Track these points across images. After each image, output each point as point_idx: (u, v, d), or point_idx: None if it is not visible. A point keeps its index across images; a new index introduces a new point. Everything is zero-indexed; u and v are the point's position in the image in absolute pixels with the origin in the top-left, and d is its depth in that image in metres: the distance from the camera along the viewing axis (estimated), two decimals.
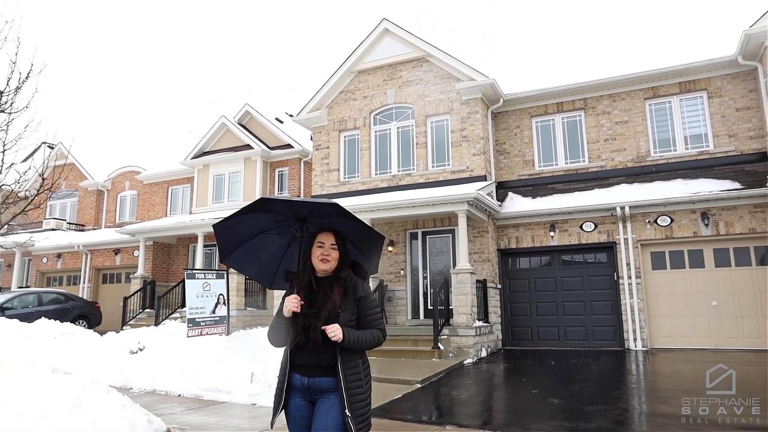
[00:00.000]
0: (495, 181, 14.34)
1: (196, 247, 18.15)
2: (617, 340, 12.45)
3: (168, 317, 15.53)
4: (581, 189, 13.62)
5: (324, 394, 2.74)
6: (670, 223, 12.34)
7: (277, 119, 21.06)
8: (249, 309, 15.84)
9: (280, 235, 3.03)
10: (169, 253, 20.08)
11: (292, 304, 2.69)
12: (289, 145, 19.16)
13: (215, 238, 2.97)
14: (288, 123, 21.06)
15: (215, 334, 11.38)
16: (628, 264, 12.52)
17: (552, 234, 13.33)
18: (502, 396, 8.62)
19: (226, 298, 11.98)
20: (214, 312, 11.52)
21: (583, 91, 14.23)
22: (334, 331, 2.63)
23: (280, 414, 2.80)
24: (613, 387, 8.35)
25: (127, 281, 19.58)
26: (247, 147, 19.37)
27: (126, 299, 17.06)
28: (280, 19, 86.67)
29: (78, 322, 16.13)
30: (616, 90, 13.97)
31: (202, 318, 11.28)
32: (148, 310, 17.07)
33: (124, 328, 15.82)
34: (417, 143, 14.65)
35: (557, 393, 7.88)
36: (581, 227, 13.14)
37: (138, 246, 18.63)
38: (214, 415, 7.17)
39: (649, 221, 12.53)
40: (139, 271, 17.89)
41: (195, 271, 11.79)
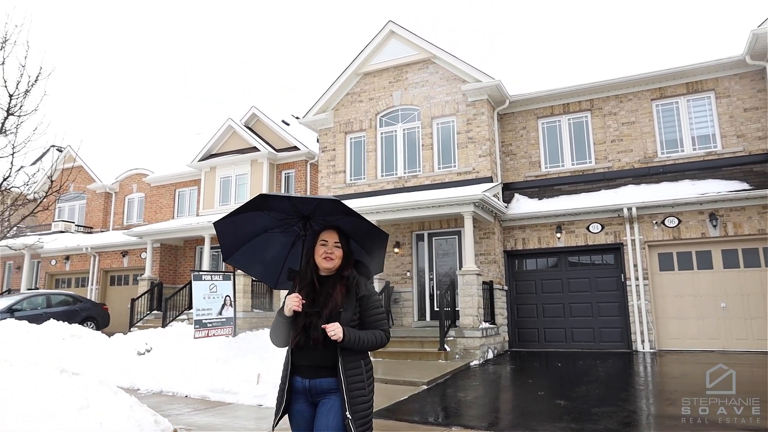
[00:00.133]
0: (501, 183, 14.32)
1: (203, 249, 18.22)
2: (624, 342, 12.38)
3: (175, 319, 15.59)
4: (588, 190, 13.57)
5: (325, 395, 2.69)
6: (677, 224, 12.27)
7: (283, 121, 21.13)
8: (255, 311, 15.88)
9: (284, 233, 2.99)
10: (176, 255, 20.18)
11: (293, 302, 2.66)
12: (295, 147, 19.21)
13: (217, 237, 2.94)
14: (294, 125, 21.13)
15: (222, 335, 11.42)
16: (636, 265, 12.46)
17: (558, 235, 13.29)
18: (508, 398, 8.59)
19: (232, 299, 12.02)
20: (220, 313, 11.56)
21: (590, 92, 14.19)
22: (334, 329, 2.58)
23: (282, 417, 2.76)
24: (620, 389, 8.31)
25: (135, 283, 19.69)
26: (254, 149, 19.44)
27: (133, 301, 17.15)
28: (280, 19, 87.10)
29: (86, 323, 16.23)
30: (622, 91, 13.91)
31: (209, 319, 11.33)
32: (155, 311, 17.16)
33: (132, 329, 15.90)
34: (423, 145, 14.65)
35: (564, 395, 7.84)
36: (588, 228, 13.09)
37: (145, 248, 18.73)
38: (221, 415, 7.19)
39: (656, 222, 12.47)
40: (147, 273, 17.98)
41: (202, 273, 11.84)
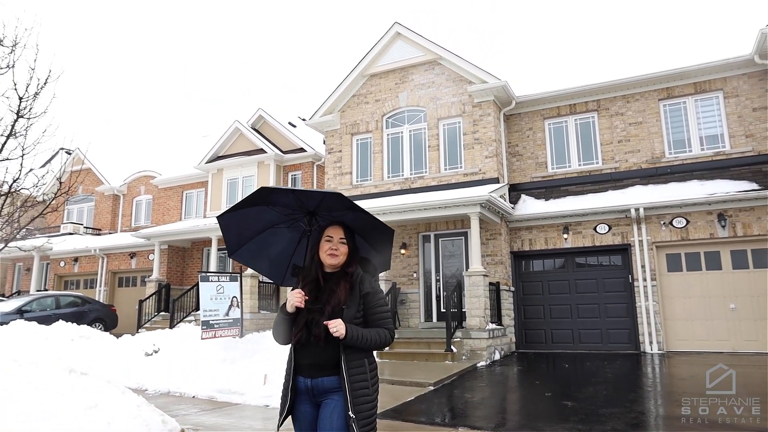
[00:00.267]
0: (508, 184, 14.29)
1: (210, 250, 18.31)
2: (632, 343, 12.32)
3: (182, 320, 15.67)
4: (595, 191, 13.52)
5: (328, 395, 2.63)
6: (685, 225, 12.20)
7: (290, 123, 21.19)
8: (262, 312, 15.93)
9: (290, 229, 2.94)
10: (184, 256, 20.28)
11: (295, 299, 2.61)
12: (301, 149, 19.27)
13: (221, 232, 2.89)
14: (301, 127, 21.20)
15: (229, 336, 11.47)
16: (643, 266, 12.39)
17: (565, 236, 13.24)
18: (515, 399, 8.57)
19: (239, 300, 12.07)
20: (227, 314, 11.61)
21: (596, 92, 14.14)
22: (336, 326, 2.53)
23: (287, 418, 2.71)
24: (628, 390, 8.26)
25: (143, 284, 19.81)
26: (261, 151, 19.51)
27: (141, 302, 17.25)
28: (280, 19, 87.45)
29: (94, 324, 16.34)
30: (629, 91, 13.86)
31: (216, 320, 11.37)
32: (163, 313, 17.25)
33: (140, 330, 15.99)
34: (429, 146, 14.65)
35: (571, 396, 7.81)
36: (595, 229, 13.04)
37: (153, 250, 18.83)
38: (228, 416, 7.22)
39: (664, 223, 12.40)
40: (154, 275, 18.07)
41: (209, 274, 11.89)
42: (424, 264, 14.20)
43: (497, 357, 11.75)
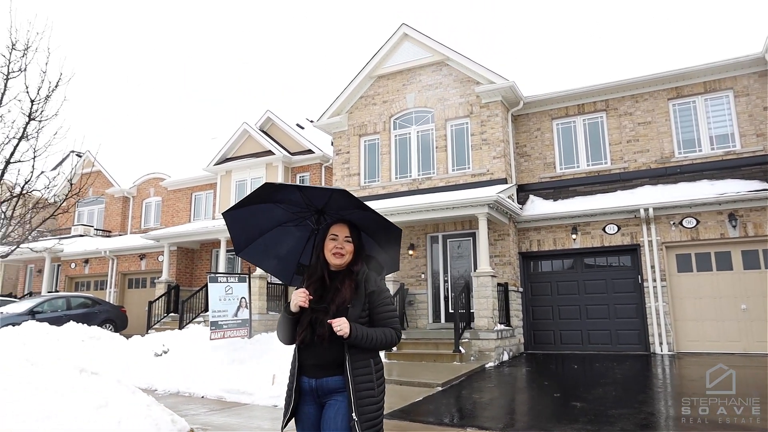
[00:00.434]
0: (516, 184, 14.25)
1: (218, 252, 18.39)
2: (642, 344, 12.23)
3: (192, 321, 15.76)
4: (603, 191, 13.46)
5: (332, 395, 2.58)
6: (695, 225, 12.11)
7: (297, 125, 21.27)
8: (271, 313, 15.97)
9: (298, 227, 2.89)
10: (193, 258, 20.39)
11: (299, 298, 2.56)
12: (309, 151, 19.32)
13: (228, 230, 2.86)
14: (308, 128, 21.26)
15: (237, 336, 11.52)
16: (653, 266, 12.31)
17: (574, 236, 13.18)
18: (524, 399, 8.54)
19: (248, 301, 12.12)
20: (236, 315, 11.66)
21: (605, 92, 14.07)
22: (340, 324, 2.46)
23: (292, 419, 2.67)
24: (637, 391, 8.21)
25: (152, 286, 19.93)
26: (269, 153, 19.59)
27: (151, 303, 17.36)
28: (280, 18, 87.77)
29: (105, 325, 16.47)
30: (638, 90, 13.78)
31: (225, 321, 11.43)
32: (172, 314, 17.35)
33: (149, 331, 16.08)
34: (437, 147, 14.65)
35: (580, 397, 7.78)
36: (604, 230, 12.97)
37: (162, 251, 18.95)
38: (237, 416, 7.26)
39: (673, 223, 12.31)
40: (164, 276, 18.18)
41: (218, 275, 11.96)
42: (432, 265, 14.19)
43: (506, 358, 11.72)
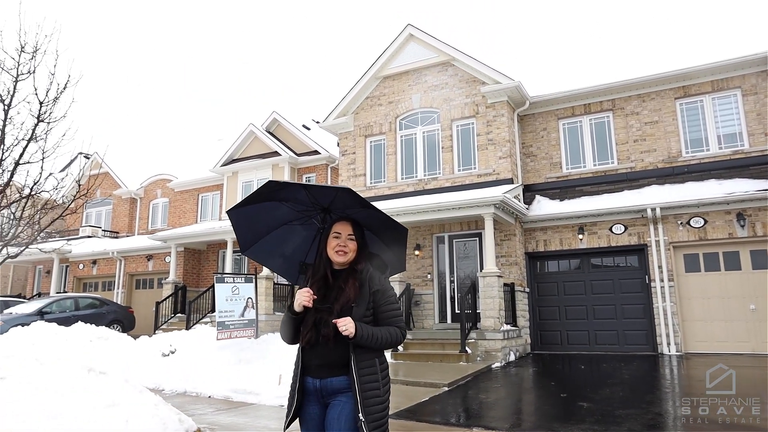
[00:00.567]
0: (522, 184, 14.22)
1: (225, 252, 18.46)
2: (650, 345, 12.17)
3: (198, 322, 15.81)
4: (610, 191, 13.40)
5: (336, 396, 2.54)
6: (703, 225, 12.04)
7: (304, 126, 21.31)
8: (277, 313, 15.99)
9: (304, 226, 2.86)
10: (200, 258, 20.47)
11: (303, 297, 2.52)
12: (315, 152, 19.36)
13: (233, 229, 2.84)
14: (314, 129, 21.31)
15: (244, 337, 11.56)
16: (660, 267, 12.25)
17: (581, 236, 13.14)
18: (530, 399, 8.52)
19: (254, 301, 12.15)
20: (242, 315, 11.70)
21: (611, 91, 14.01)
22: (345, 324, 2.43)
23: (294, 419, 2.64)
24: (645, 391, 8.17)
25: (159, 287, 20.03)
26: (275, 154, 19.65)
27: (158, 304, 17.44)
28: (280, 18, 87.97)
29: (112, 326, 16.57)
30: (645, 90, 13.72)
31: (232, 321, 11.47)
32: (179, 314, 17.42)
33: (157, 332, 16.16)
34: (443, 147, 14.64)
35: (587, 397, 7.75)
36: (611, 229, 12.92)
37: (169, 252, 19.04)
38: (243, 415, 7.28)
39: (681, 223, 12.25)
40: (171, 277, 18.27)
41: (224, 275, 12.00)
42: (438, 265, 14.18)
43: (512, 358, 11.69)
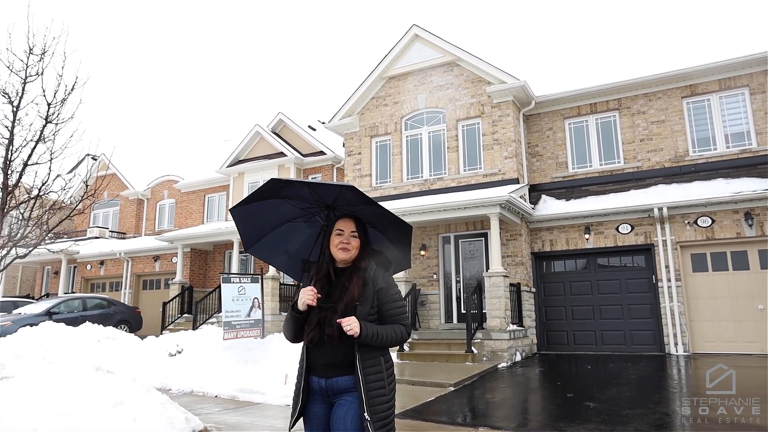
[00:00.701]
0: (528, 184, 14.19)
1: (231, 253, 18.51)
2: (657, 345, 12.11)
3: (205, 322, 15.87)
4: (617, 190, 13.35)
5: (342, 395, 2.52)
6: (711, 224, 11.97)
7: (309, 127, 21.36)
8: (283, 313, 16.02)
9: (308, 223, 2.83)
10: (206, 259, 20.55)
11: (307, 296, 2.48)
12: (321, 152, 19.39)
13: (236, 227, 2.82)
14: (320, 130, 21.34)
15: (250, 337, 11.59)
16: (667, 266, 12.18)
17: (587, 236, 13.09)
18: (536, 399, 8.50)
19: (260, 301, 12.18)
20: (249, 315, 11.73)
21: (617, 91, 13.96)
22: (350, 324, 2.40)
23: (300, 419, 2.62)
24: (652, 391, 8.13)
25: (166, 287, 20.10)
26: (281, 155, 19.70)
27: (165, 304, 17.52)
28: (279, 18, 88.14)
29: (120, 326, 16.64)
30: (651, 89, 13.66)
31: (238, 321, 11.50)
32: (186, 315, 17.49)
33: (163, 332, 16.23)
34: (448, 147, 14.63)
35: (594, 397, 7.72)
36: (617, 229, 12.87)
37: (176, 253, 19.12)
38: (250, 415, 7.31)
39: (688, 222, 12.18)
40: (178, 277, 18.35)
41: (231, 275, 12.04)
42: (444, 265, 14.17)
43: (518, 358, 11.67)
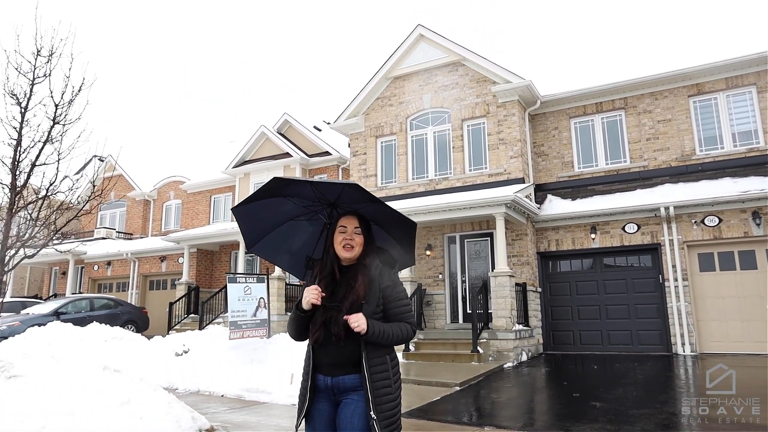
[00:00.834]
0: (533, 184, 14.16)
1: (237, 253, 18.57)
2: (664, 345, 12.05)
3: (211, 322, 15.93)
4: (623, 190, 13.30)
5: (348, 393, 2.50)
6: (718, 224, 11.90)
7: (315, 127, 21.41)
8: (289, 313, 16.00)
9: (311, 222, 2.81)
10: (212, 259, 20.62)
11: (312, 295, 2.46)
12: (327, 152, 19.43)
13: (238, 226, 2.79)
14: (325, 130, 21.39)
15: (256, 336, 11.62)
16: (674, 266, 12.13)
17: (593, 236, 13.05)
18: (542, 399, 8.48)
19: (266, 301, 12.22)
20: (255, 315, 11.77)
21: (623, 90, 13.90)
22: (357, 321, 2.39)
23: (306, 418, 2.61)
24: (658, 391, 8.10)
25: (173, 287, 20.18)
26: (286, 155, 19.75)
27: (171, 305, 17.59)
28: (279, 18, 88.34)
29: (127, 326, 16.72)
30: (657, 88, 13.59)
31: (244, 321, 11.54)
32: (192, 315, 17.56)
33: (170, 332, 16.30)
34: (454, 147, 14.62)
35: (600, 397, 7.70)
36: (623, 229, 12.82)
37: (182, 253, 19.19)
38: (256, 414, 7.33)
39: (695, 222, 12.12)
40: (184, 278, 18.42)
41: (237, 275, 12.09)
42: (449, 265, 14.15)
43: (524, 358, 11.64)
